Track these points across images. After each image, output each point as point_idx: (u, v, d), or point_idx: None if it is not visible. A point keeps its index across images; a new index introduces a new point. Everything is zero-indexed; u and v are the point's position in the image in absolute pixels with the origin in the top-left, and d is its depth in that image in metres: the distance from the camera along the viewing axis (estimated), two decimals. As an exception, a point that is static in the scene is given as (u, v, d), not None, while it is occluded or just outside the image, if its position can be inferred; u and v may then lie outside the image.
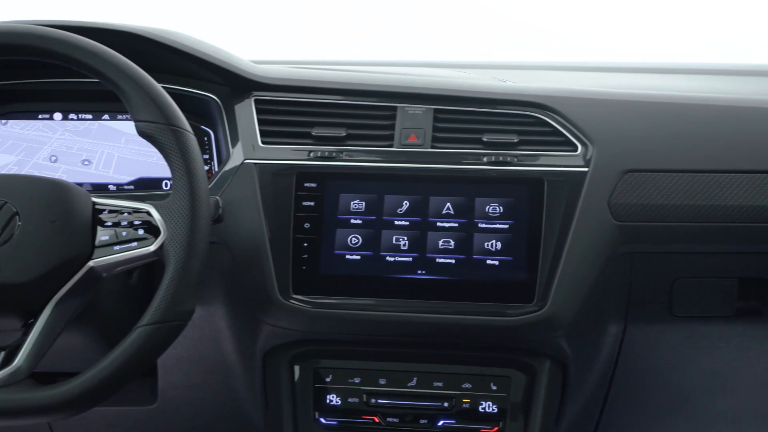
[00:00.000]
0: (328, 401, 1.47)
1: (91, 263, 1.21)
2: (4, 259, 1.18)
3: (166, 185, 1.61)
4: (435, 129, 1.47)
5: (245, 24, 2.45)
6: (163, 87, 1.27)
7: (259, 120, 1.50)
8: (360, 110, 1.50)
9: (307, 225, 1.43)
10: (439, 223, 1.42)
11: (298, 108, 1.52)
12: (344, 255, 1.42)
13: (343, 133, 1.48)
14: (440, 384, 1.45)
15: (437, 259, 1.41)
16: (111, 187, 1.60)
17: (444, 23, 2.43)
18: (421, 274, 1.41)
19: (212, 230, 1.26)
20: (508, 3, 2.38)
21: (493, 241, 1.41)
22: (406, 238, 1.42)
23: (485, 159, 1.44)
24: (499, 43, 2.34)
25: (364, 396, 1.46)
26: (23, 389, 1.16)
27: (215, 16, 2.47)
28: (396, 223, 1.43)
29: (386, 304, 1.41)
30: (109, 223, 1.22)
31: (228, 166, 1.47)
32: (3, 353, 1.18)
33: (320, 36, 2.45)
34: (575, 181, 1.41)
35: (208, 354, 1.58)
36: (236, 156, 1.48)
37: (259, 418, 1.64)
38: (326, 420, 1.46)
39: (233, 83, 1.54)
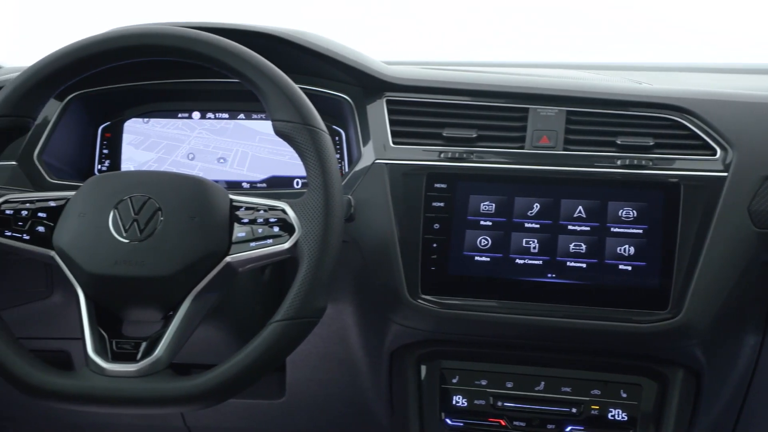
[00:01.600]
0: (454, 402, 1.47)
1: (228, 259, 1.23)
2: (148, 252, 1.22)
3: (297, 183, 1.64)
4: (567, 131, 1.46)
5: (364, 24, 2.48)
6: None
7: (390, 120, 1.51)
8: (491, 111, 1.50)
9: (436, 226, 1.43)
10: (570, 227, 1.40)
11: (429, 109, 1.52)
12: (473, 256, 1.42)
13: (473, 134, 1.47)
14: (568, 389, 1.43)
15: (568, 263, 1.40)
16: (245, 185, 1.64)
17: (564, 23, 2.39)
18: (551, 277, 1.40)
19: (344, 229, 1.27)
20: (633, 3, 2.33)
21: (626, 246, 1.38)
22: (536, 241, 1.41)
23: (619, 162, 1.41)
24: (624, 44, 2.30)
25: (491, 398, 1.45)
26: (163, 379, 1.19)
27: (335, 16, 2.50)
28: (526, 225, 1.42)
29: (515, 307, 1.40)
30: (246, 220, 1.25)
31: (359, 166, 1.49)
32: (145, 344, 1.22)
33: (439, 37, 2.45)
34: (713, 186, 1.37)
35: (336, 351, 1.61)
36: (367, 156, 1.49)
37: (384, 417, 1.65)
38: (452, 421, 1.46)
39: (366, 84, 1.55)
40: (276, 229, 1.23)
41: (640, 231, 1.38)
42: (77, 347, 1.61)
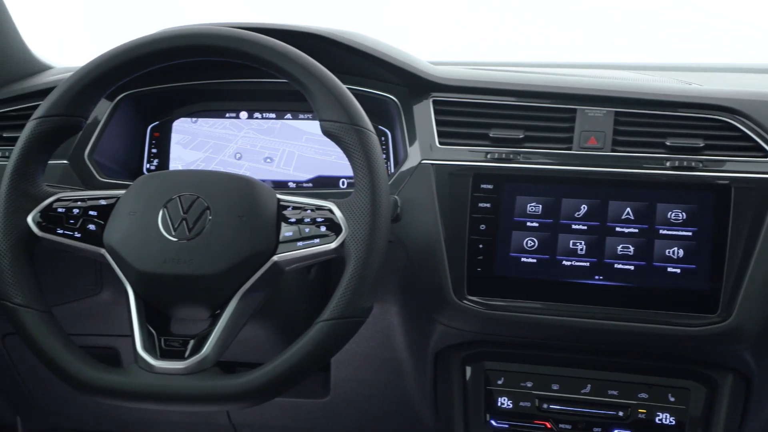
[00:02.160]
0: (499, 404, 1.46)
1: (275, 258, 1.24)
2: (196, 251, 1.23)
3: (343, 183, 1.64)
4: (616, 132, 1.44)
5: (405, 24, 2.48)
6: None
7: (436, 121, 1.51)
8: (538, 112, 1.49)
9: (482, 226, 1.43)
10: (618, 228, 1.39)
11: (475, 109, 1.52)
12: (519, 258, 1.42)
13: (520, 134, 1.47)
14: (615, 392, 1.42)
15: (615, 265, 1.38)
16: (291, 185, 1.65)
17: (611, 23, 2.37)
18: (599, 279, 1.39)
19: (390, 229, 1.27)
20: (681, 3, 2.31)
21: (675, 249, 1.37)
22: (583, 243, 1.40)
23: (668, 164, 1.39)
24: (672, 44, 2.27)
25: (536, 400, 1.45)
26: (210, 377, 1.20)
27: (377, 16, 2.51)
28: (573, 227, 1.41)
29: (561, 309, 1.40)
30: (293, 220, 1.26)
31: (405, 166, 1.49)
32: (192, 341, 1.23)
33: (480, 37, 2.44)
34: (765, 188, 1.35)
35: (380, 351, 1.61)
36: (413, 156, 1.49)
37: (428, 417, 1.65)
38: (497, 423, 1.46)
39: (412, 84, 1.55)
40: (323, 228, 1.24)
41: (690, 233, 1.37)
42: (125, 344, 1.64)
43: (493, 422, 1.46)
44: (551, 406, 1.44)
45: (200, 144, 1.68)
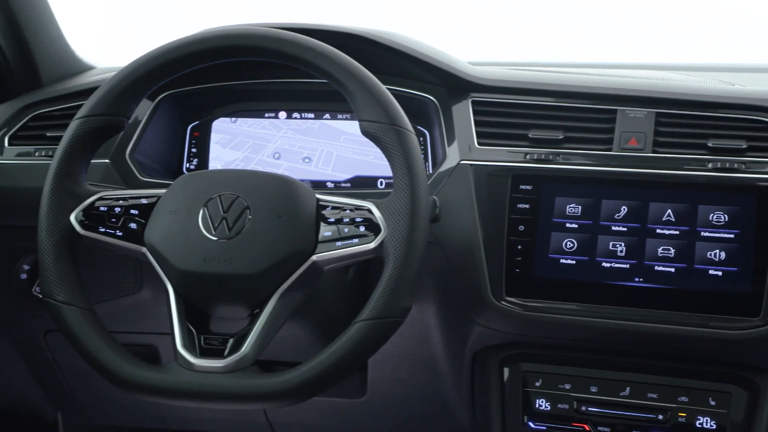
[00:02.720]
0: (537, 406, 1.46)
1: (314, 257, 1.24)
2: (236, 250, 1.24)
3: (381, 184, 1.64)
4: (657, 133, 1.43)
5: (441, 24, 2.47)
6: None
7: (475, 121, 1.51)
8: (578, 113, 1.48)
9: (521, 227, 1.42)
10: (658, 230, 1.38)
11: (515, 110, 1.51)
12: (558, 259, 1.41)
13: (560, 135, 1.46)
14: (655, 395, 1.41)
15: (656, 267, 1.37)
16: (329, 185, 1.65)
17: (649, 23, 2.36)
18: (639, 281, 1.38)
19: (429, 229, 1.27)
20: (722, 2, 2.28)
21: (717, 251, 1.35)
22: (623, 244, 1.39)
23: (710, 165, 1.38)
24: (713, 44, 2.25)
25: (575, 403, 1.44)
26: (249, 376, 1.21)
27: (412, 16, 2.50)
28: (613, 228, 1.40)
29: (601, 311, 1.39)
30: (332, 220, 1.26)
31: (444, 167, 1.49)
32: (232, 340, 1.23)
33: (519, 38, 2.43)
34: None
35: (417, 351, 1.61)
36: (452, 156, 1.49)
37: (465, 418, 1.65)
38: (535, 424, 1.45)
39: (451, 84, 1.55)
40: (362, 228, 1.24)
41: (732, 236, 1.35)
42: (164, 342, 1.65)
43: (530, 424, 1.45)
44: (590, 409, 1.43)
45: (239, 144, 1.69)
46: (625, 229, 1.39)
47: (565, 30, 2.41)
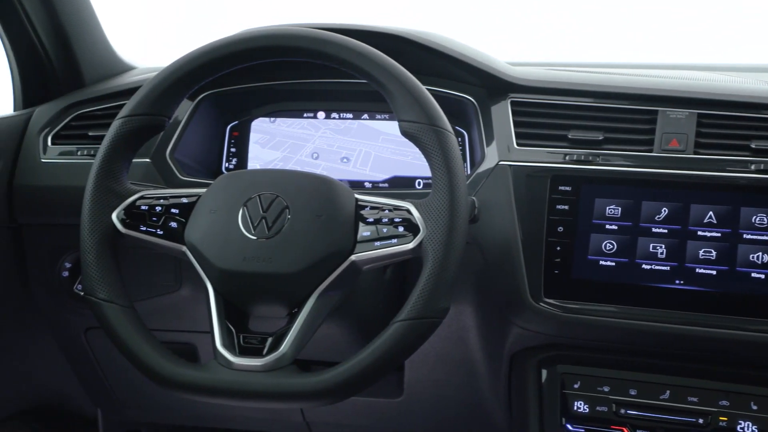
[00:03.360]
0: (575, 408, 1.45)
1: (352, 257, 1.24)
2: (275, 250, 1.24)
3: (419, 184, 1.64)
4: (698, 134, 1.42)
5: (477, 25, 2.47)
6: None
7: (514, 122, 1.50)
8: (619, 113, 1.47)
9: (560, 228, 1.41)
10: (700, 232, 1.37)
11: (554, 110, 1.50)
12: (598, 261, 1.40)
13: (600, 136, 1.45)
14: (695, 399, 1.40)
15: (697, 270, 1.36)
16: (367, 185, 1.66)
17: (689, 22, 2.33)
18: (679, 284, 1.36)
19: (468, 230, 1.27)
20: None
21: (760, 254, 1.34)
22: (663, 246, 1.38)
23: (753, 167, 1.36)
24: (756, 44, 2.22)
25: (614, 405, 1.43)
26: (288, 375, 1.21)
27: (450, 16, 2.50)
28: (653, 230, 1.39)
29: (640, 313, 1.38)
30: (371, 220, 1.26)
31: (483, 167, 1.48)
32: (270, 339, 1.24)
33: (555, 37, 2.42)
34: None
35: (454, 352, 1.60)
36: (491, 157, 1.48)
37: (502, 420, 1.64)
38: (573, 427, 1.44)
39: (490, 85, 1.55)
40: (401, 229, 1.24)
41: None
42: (202, 340, 1.67)
43: (569, 426, 1.45)
44: (629, 412, 1.42)
45: (278, 143, 1.70)
46: (665, 231, 1.38)
47: (599, 30, 2.40)
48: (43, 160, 1.69)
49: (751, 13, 2.25)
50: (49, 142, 1.71)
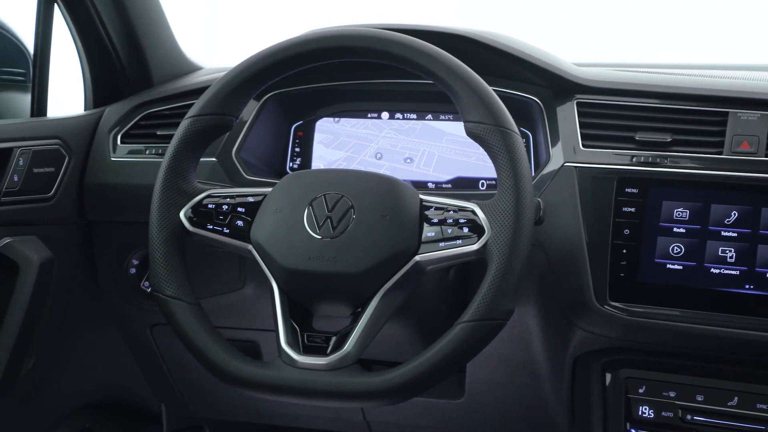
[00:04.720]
0: (640, 413, 1.43)
1: (417, 258, 1.24)
2: (340, 249, 1.25)
3: (482, 185, 1.63)
4: None
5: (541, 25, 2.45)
6: None
7: (580, 123, 1.49)
8: (688, 115, 1.45)
9: (626, 231, 1.40)
10: None
11: (621, 112, 1.48)
12: (665, 264, 1.38)
13: (668, 138, 1.43)
14: (764, 406, 1.37)
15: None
16: (430, 185, 1.65)
17: (757, 21, 2.29)
18: (749, 288, 1.34)
19: (533, 231, 1.26)
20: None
21: None
22: (733, 250, 1.35)
23: None
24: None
25: (680, 411, 1.41)
26: (351, 374, 1.22)
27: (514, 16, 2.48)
28: (723, 234, 1.36)
29: (708, 318, 1.35)
30: (435, 220, 1.25)
31: (547, 169, 1.47)
32: (334, 338, 1.24)
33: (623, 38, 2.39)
34: None
35: (517, 353, 1.59)
36: (556, 158, 1.47)
37: (564, 423, 1.63)
38: None
39: (556, 85, 1.54)
40: (465, 230, 1.23)
41: None
42: (266, 338, 1.68)
43: (633, 431, 1.43)
44: (695, 418, 1.40)
45: (342, 143, 1.70)
46: (735, 234, 1.36)
47: (665, 30, 2.36)
48: (112, 159, 1.72)
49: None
50: (119, 141, 1.74)
